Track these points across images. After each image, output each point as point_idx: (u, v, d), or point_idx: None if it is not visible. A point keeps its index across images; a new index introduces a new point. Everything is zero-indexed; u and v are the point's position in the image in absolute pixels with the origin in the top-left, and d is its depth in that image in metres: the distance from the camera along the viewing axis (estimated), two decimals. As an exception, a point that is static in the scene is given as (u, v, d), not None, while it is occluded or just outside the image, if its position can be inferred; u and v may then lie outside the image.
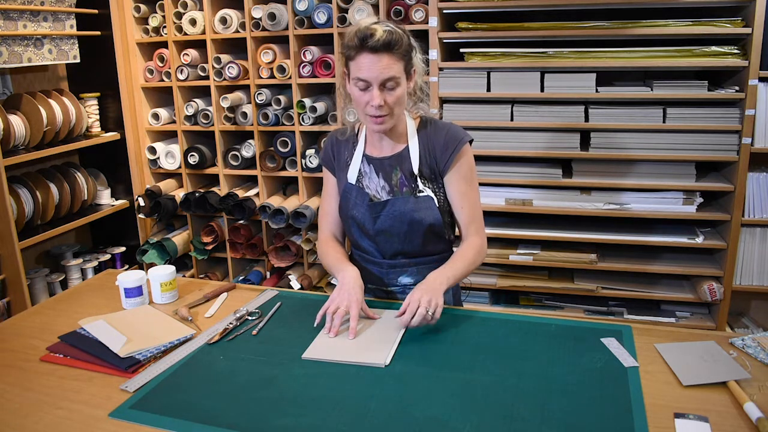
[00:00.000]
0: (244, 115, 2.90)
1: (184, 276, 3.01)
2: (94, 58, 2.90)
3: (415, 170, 1.52)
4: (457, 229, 1.63)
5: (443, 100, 2.65)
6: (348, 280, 1.44)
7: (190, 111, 2.95)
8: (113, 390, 1.19)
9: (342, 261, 1.55)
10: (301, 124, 2.80)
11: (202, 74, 2.93)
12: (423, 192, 1.52)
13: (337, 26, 2.65)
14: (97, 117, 2.95)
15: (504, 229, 2.67)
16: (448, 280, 1.43)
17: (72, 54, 2.79)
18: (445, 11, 2.57)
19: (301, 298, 1.62)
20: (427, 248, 1.58)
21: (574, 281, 2.67)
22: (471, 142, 1.56)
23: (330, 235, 1.67)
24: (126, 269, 2.79)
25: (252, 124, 2.89)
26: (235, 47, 2.97)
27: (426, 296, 1.35)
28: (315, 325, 1.41)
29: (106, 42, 2.88)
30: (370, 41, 1.36)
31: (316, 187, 3.05)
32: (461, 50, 2.62)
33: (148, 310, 1.54)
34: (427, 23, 2.54)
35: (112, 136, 2.99)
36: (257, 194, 3.00)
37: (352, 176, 1.57)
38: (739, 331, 2.59)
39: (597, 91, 2.48)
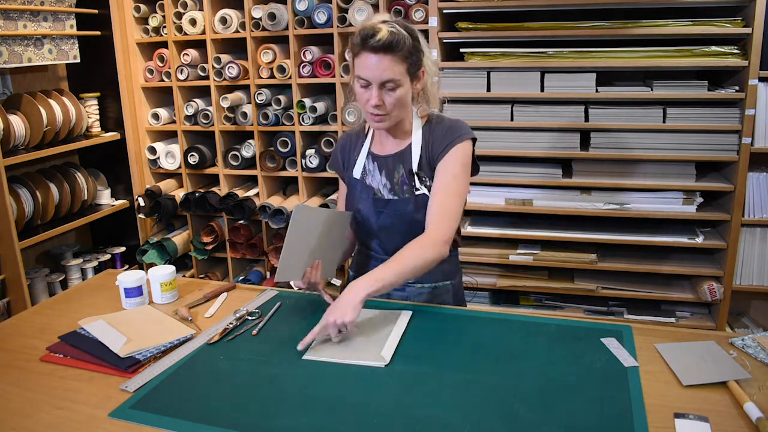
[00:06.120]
0: (244, 115, 2.89)
1: (184, 276, 3.01)
2: (94, 58, 2.90)
3: (414, 168, 1.53)
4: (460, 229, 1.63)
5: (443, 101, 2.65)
6: None
7: (190, 111, 2.95)
8: (113, 390, 1.19)
9: None
10: (301, 124, 2.80)
11: (202, 74, 2.92)
12: (419, 190, 1.52)
13: (337, 26, 2.65)
14: (97, 117, 2.95)
15: (504, 229, 2.67)
16: (368, 288, 1.32)
17: (72, 54, 2.79)
18: (445, 11, 2.57)
19: (301, 298, 1.62)
20: None
21: (574, 281, 2.67)
22: (474, 141, 1.55)
23: None
24: (126, 269, 2.79)
25: (252, 124, 2.89)
26: (235, 47, 2.97)
27: (332, 328, 1.29)
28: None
29: (106, 42, 2.88)
30: (371, 41, 1.37)
31: (316, 187, 3.05)
32: (461, 50, 2.62)
33: (148, 310, 1.54)
34: (427, 23, 2.54)
35: (112, 136, 2.99)
36: (257, 194, 3.00)
37: (357, 172, 1.60)
38: (739, 331, 2.59)
39: (597, 91, 2.48)
